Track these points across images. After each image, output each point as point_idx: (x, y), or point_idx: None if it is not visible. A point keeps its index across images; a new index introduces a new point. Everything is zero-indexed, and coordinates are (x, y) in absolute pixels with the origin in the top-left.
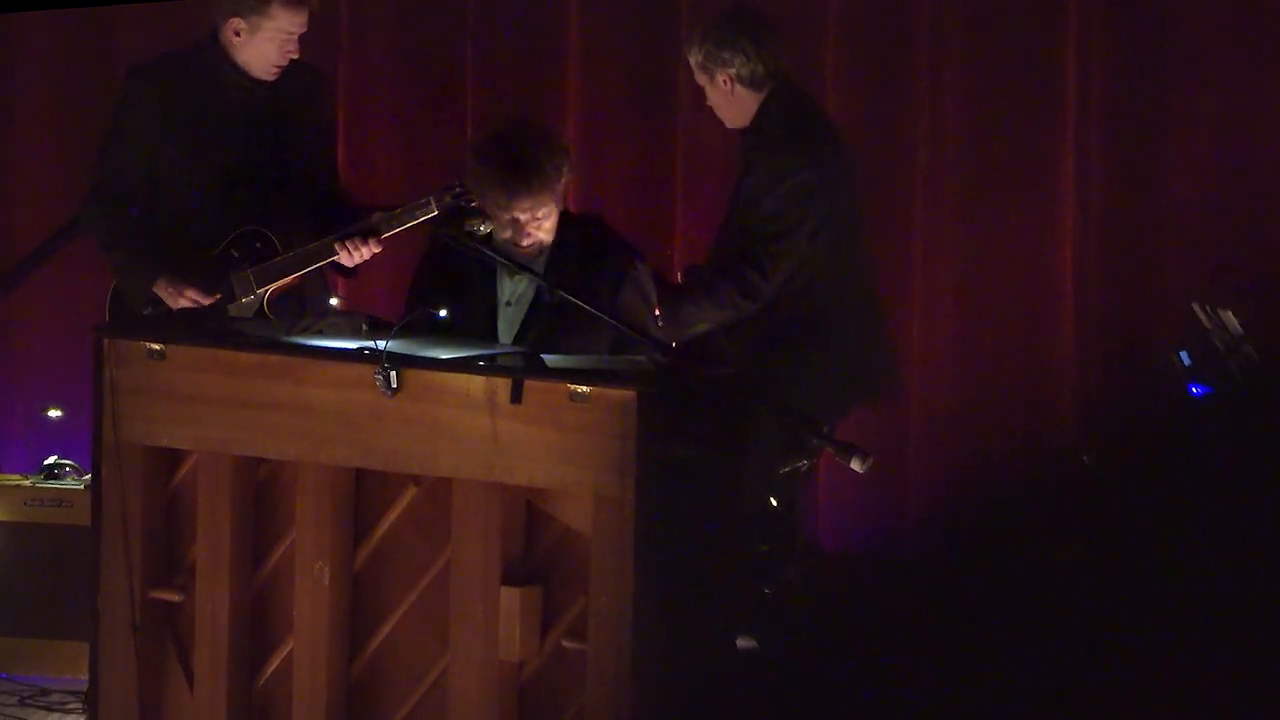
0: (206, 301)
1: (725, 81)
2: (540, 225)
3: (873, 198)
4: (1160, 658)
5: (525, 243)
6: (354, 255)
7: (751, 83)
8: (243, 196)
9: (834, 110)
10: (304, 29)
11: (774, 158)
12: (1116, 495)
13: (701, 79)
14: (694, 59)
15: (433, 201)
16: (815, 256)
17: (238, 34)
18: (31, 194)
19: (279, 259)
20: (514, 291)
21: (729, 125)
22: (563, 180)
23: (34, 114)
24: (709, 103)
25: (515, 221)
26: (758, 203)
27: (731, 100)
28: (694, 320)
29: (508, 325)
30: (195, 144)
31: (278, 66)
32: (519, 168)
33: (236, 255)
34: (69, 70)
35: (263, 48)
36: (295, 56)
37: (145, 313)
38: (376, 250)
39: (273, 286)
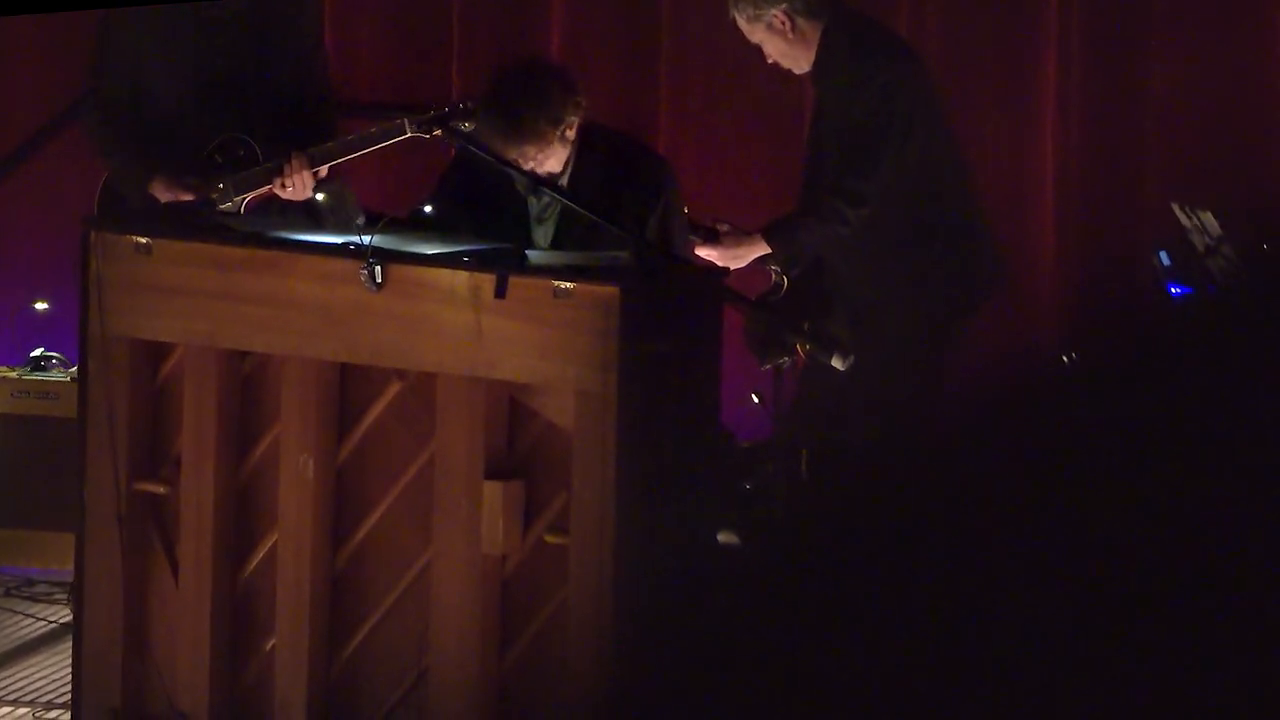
0: (203, 193)
1: (782, 21)
2: (543, 164)
3: None
4: (1137, 554)
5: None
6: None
7: (808, 11)
8: (224, 106)
9: None
10: None
11: (851, 69)
12: (1097, 395)
13: (757, 33)
14: (743, 15)
15: (407, 124)
16: (912, 159)
17: None
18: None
19: (257, 169)
20: (540, 205)
21: (799, 70)
22: (563, 125)
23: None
24: (772, 58)
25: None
26: (846, 114)
27: (793, 40)
28: (810, 243)
29: (542, 238)
30: (176, 53)
31: None
32: (517, 125)
33: (220, 161)
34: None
35: None
36: None
37: (133, 207)
38: (314, 179)
39: (249, 195)
